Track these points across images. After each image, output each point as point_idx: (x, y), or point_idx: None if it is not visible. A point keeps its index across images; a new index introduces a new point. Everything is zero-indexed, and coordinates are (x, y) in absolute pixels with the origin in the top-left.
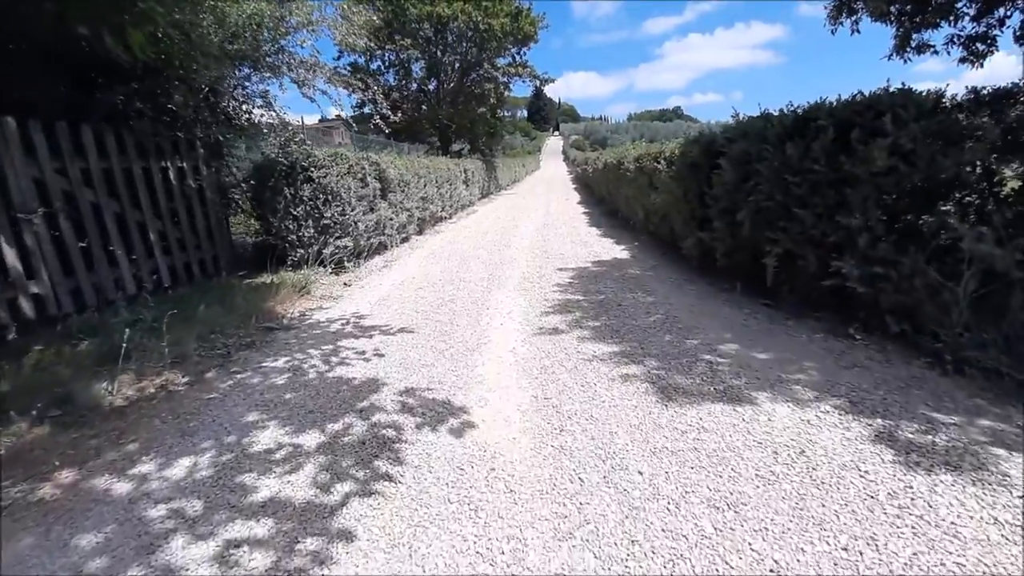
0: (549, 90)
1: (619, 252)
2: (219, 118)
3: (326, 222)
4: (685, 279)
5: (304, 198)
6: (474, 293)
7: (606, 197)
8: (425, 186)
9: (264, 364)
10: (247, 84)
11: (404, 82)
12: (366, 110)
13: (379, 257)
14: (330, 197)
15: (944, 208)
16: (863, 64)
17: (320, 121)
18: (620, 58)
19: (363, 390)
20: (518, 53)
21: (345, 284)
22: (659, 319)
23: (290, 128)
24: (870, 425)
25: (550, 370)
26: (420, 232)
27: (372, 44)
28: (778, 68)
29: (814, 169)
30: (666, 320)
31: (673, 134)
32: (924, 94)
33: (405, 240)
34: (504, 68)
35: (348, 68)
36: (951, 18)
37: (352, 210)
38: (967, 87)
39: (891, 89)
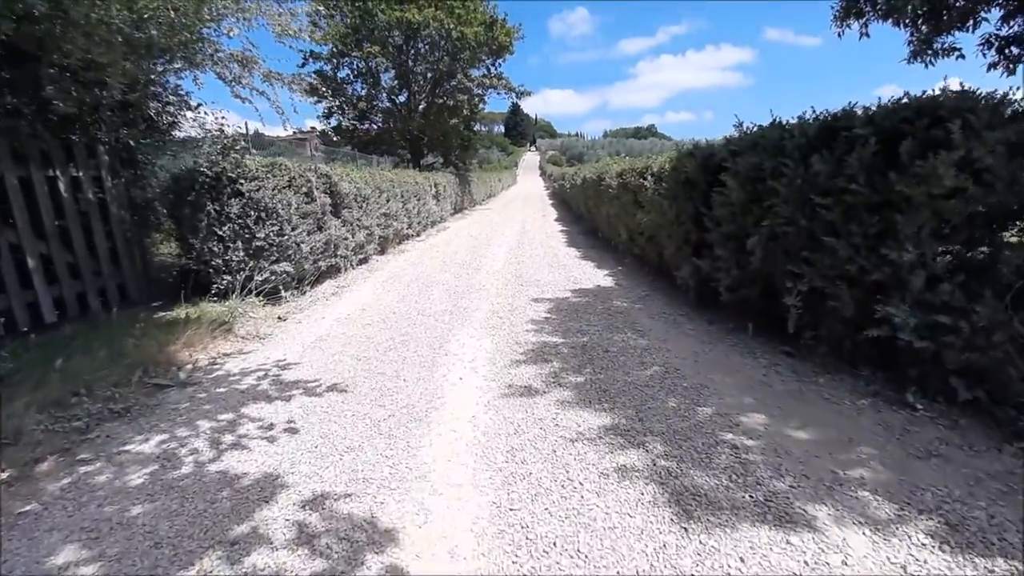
0: (526, 106)
1: (602, 278)
2: (129, 118)
3: (259, 244)
4: (681, 315)
5: (232, 215)
6: (432, 331)
7: (585, 215)
8: (388, 201)
9: (128, 447)
10: (173, 80)
11: (373, 92)
12: (333, 120)
13: (330, 282)
14: (264, 214)
15: None
16: (833, 87)
17: (294, 133)
18: (596, 76)
19: (251, 499)
20: (493, 64)
21: (279, 318)
22: (657, 372)
23: (225, 136)
24: (992, 574)
25: (520, 456)
26: (382, 251)
27: (338, 47)
28: (747, 89)
29: (850, 189)
30: (666, 374)
31: (648, 151)
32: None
33: (363, 261)
34: (479, 80)
35: (313, 75)
36: (970, 24)
37: (293, 229)
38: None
39: (947, 89)
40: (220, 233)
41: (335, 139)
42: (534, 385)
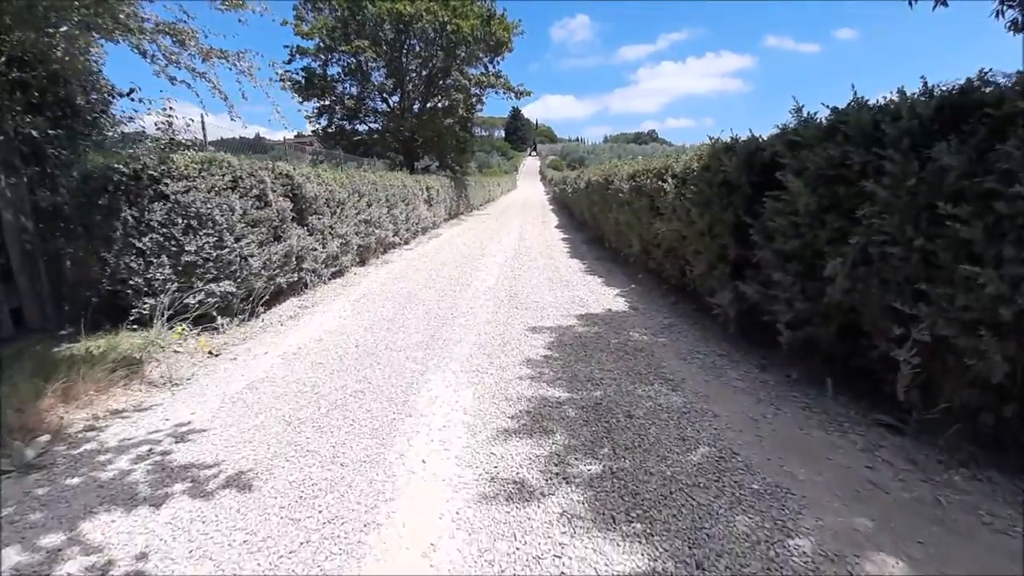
0: (527, 111)
1: (612, 299)
2: (31, 102)
3: (190, 259)
4: (720, 355)
5: (154, 223)
6: (399, 376)
7: (589, 221)
8: (370, 206)
9: None
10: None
11: (364, 90)
12: (323, 120)
13: (293, 301)
14: (196, 222)
15: None
16: (832, 93)
17: (296, 136)
18: (596, 83)
19: None
20: (491, 62)
21: (211, 353)
22: (708, 458)
23: (172, 127)
24: None
25: None
26: (362, 262)
27: (325, 42)
28: (746, 96)
29: (1005, 193)
30: (721, 461)
31: (650, 156)
32: None
33: (338, 275)
34: (476, 78)
35: (301, 72)
36: None
37: (237, 240)
38: None
39: None
40: (140, 245)
41: (326, 142)
42: (528, 480)
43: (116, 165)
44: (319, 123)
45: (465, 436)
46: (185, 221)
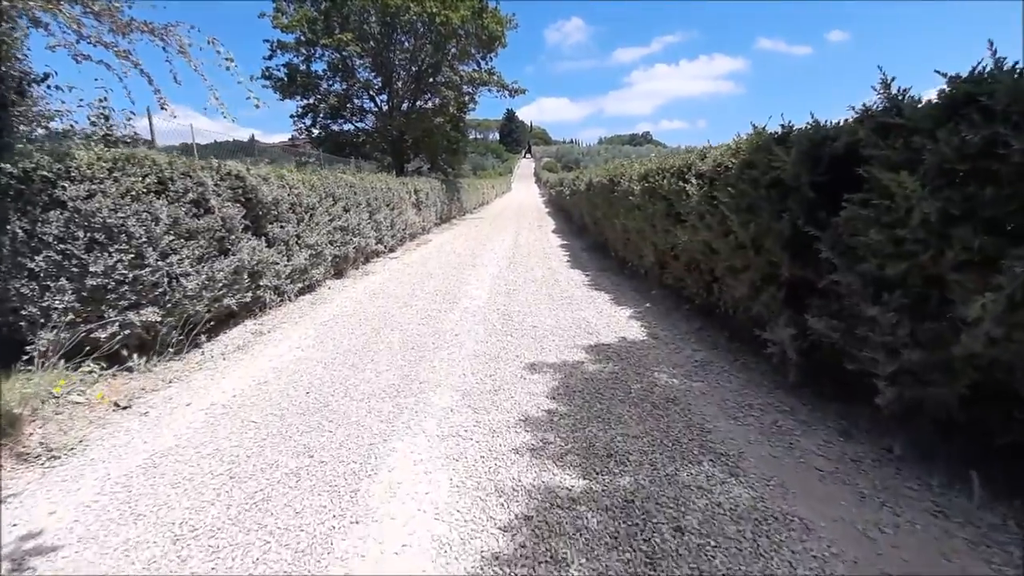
0: (521, 114)
1: (625, 322)
2: None
3: (97, 282)
4: (783, 411)
5: (49, 238)
6: (352, 444)
7: (590, 226)
8: (347, 212)
9: None
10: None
11: (349, 88)
12: (308, 120)
13: (248, 325)
14: (103, 236)
15: None
16: (825, 95)
17: (291, 139)
18: (590, 85)
19: None
20: (484, 59)
21: (118, 406)
22: None
23: (109, 122)
24: None
25: None
26: (339, 274)
27: (306, 35)
28: (739, 98)
29: None
30: None
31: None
32: None
33: (308, 290)
34: (468, 75)
35: (283, 68)
36: None
37: (164, 257)
38: None
39: None
40: (32, 266)
41: (312, 142)
42: None
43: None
44: (303, 123)
45: (432, 568)
46: (88, 235)
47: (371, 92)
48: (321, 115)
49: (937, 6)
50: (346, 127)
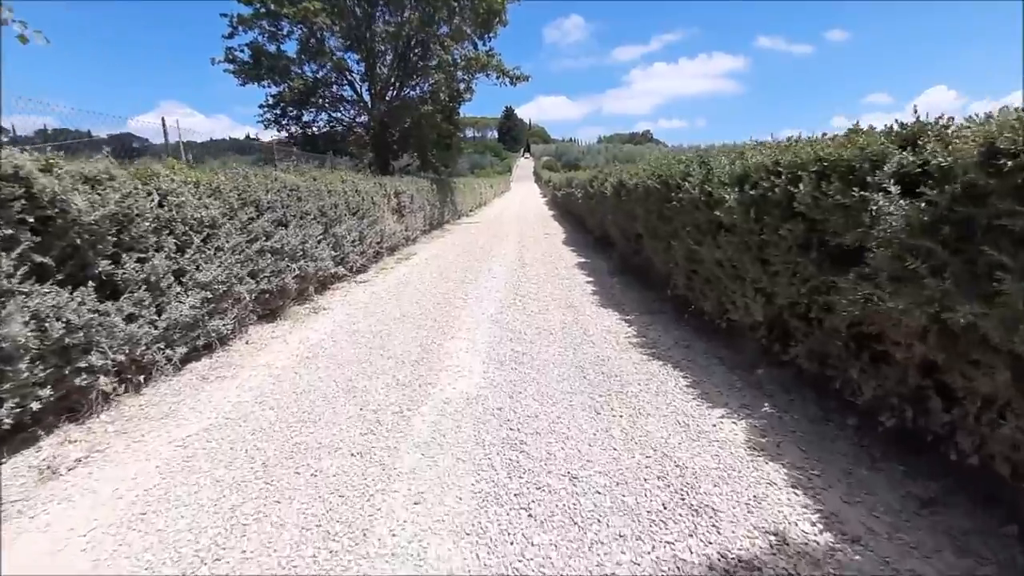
0: (520, 112)
1: (748, 459)
2: None
3: None
4: None
5: None
6: None
7: (618, 240)
8: (283, 226)
9: None
10: None
11: (322, 70)
12: (276, 111)
13: (28, 459)
14: None
15: None
16: (823, 94)
17: (288, 137)
18: (589, 83)
19: None
20: (481, 39)
21: None
22: None
23: None
24: None
25: None
26: (271, 317)
27: (266, 5)
28: (739, 97)
29: None
30: None
31: (761, 145)
32: None
33: (204, 349)
34: (463, 56)
35: (247, 48)
36: None
37: None
38: None
39: None
40: None
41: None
42: None
43: None
44: (273, 112)
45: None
46: None
47: (349, 77)
48: (290, 105)
49: (937, 6)
50: (321, 117)
